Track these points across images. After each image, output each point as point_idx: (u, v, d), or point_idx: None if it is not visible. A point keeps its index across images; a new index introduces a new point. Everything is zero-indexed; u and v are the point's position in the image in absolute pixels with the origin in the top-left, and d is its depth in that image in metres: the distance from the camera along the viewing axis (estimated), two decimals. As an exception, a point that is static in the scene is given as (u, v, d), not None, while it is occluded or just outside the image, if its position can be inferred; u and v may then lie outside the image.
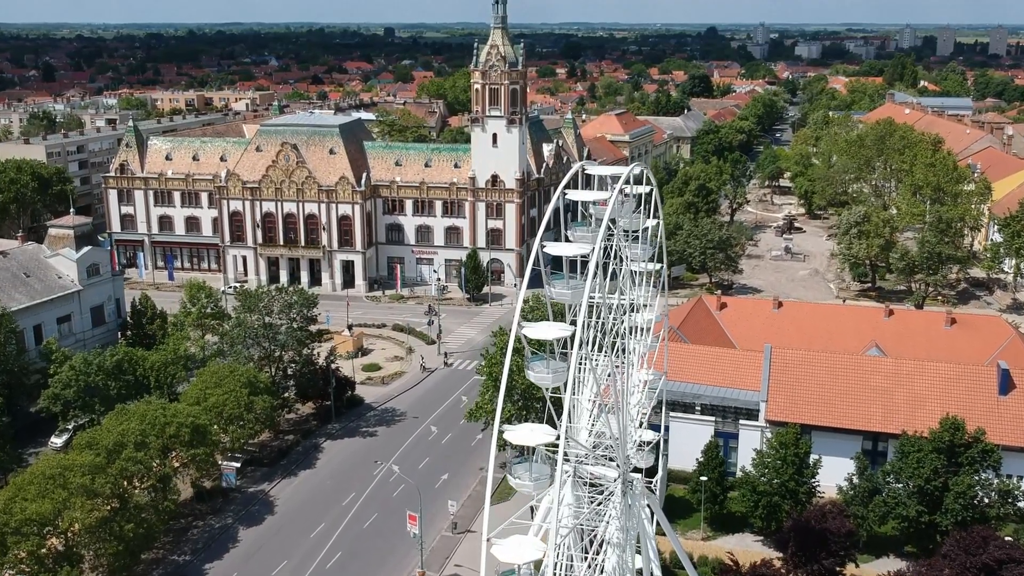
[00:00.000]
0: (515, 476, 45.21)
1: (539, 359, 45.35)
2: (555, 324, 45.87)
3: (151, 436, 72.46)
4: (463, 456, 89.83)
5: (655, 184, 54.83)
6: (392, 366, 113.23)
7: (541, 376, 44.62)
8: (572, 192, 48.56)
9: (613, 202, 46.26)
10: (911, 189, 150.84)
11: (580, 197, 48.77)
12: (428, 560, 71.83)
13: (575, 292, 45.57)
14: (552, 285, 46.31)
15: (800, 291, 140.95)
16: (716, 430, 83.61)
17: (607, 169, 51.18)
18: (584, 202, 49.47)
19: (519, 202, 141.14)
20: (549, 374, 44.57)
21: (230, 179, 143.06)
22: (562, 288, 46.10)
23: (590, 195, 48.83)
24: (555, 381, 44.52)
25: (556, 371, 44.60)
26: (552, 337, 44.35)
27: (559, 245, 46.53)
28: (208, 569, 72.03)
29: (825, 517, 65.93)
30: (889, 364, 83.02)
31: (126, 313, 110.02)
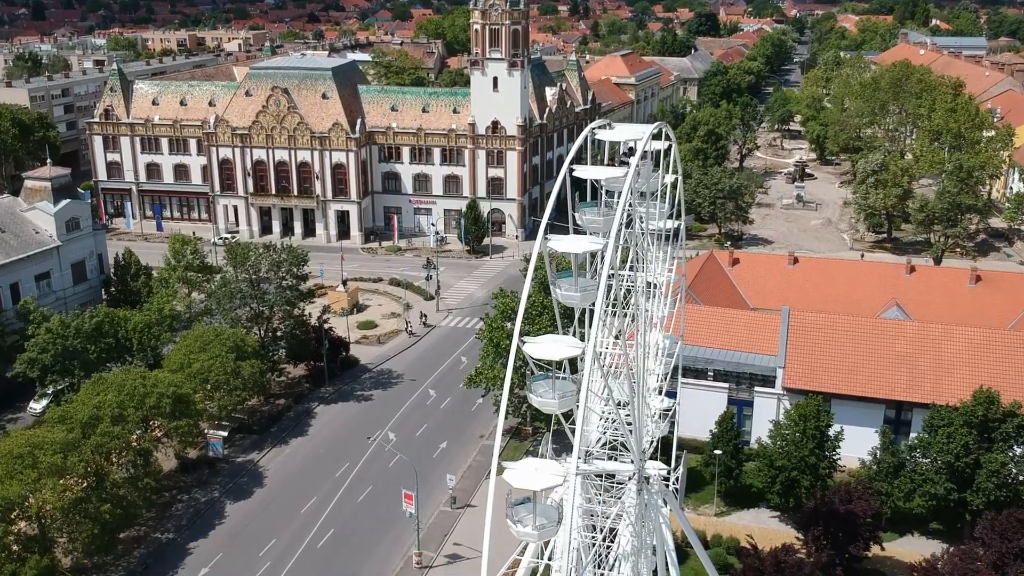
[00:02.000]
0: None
1: (543, 378, 39.55)
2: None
3: (129, 408, 67.87)
4: (463, 422, 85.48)
5: (674, 140, 49.17)
6: (388, 324, 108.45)
7: (545, 401, 38.86)
8: (580, 169, 42.16)
9: (630, 181, 40.12)
10: (929, 135, 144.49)
11: (590, 175, 42.40)
12: (425, 538, 67.78)
13: (586, 295, 39.53)
14: (558, 286, 39.94)
15: (812, 242, 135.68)
16: (730, 397, 79.14)
17: (622, 133, 44.92)
18: None
19: (521, 149, 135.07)
20: (555, 399, 38.74)
21: (219, 125, 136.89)
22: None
23: (602, 172, 42.42)
24: (562, 407, 38.86)
25: (564, 395, 38.76)
26: (559, 357, 38.01)
27: (566, 240, 40.36)
28: (192, 548, 68.01)
29: (851, 497, 61.63)
30: (914, 328, 78.12)
31: (109, 269, 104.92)
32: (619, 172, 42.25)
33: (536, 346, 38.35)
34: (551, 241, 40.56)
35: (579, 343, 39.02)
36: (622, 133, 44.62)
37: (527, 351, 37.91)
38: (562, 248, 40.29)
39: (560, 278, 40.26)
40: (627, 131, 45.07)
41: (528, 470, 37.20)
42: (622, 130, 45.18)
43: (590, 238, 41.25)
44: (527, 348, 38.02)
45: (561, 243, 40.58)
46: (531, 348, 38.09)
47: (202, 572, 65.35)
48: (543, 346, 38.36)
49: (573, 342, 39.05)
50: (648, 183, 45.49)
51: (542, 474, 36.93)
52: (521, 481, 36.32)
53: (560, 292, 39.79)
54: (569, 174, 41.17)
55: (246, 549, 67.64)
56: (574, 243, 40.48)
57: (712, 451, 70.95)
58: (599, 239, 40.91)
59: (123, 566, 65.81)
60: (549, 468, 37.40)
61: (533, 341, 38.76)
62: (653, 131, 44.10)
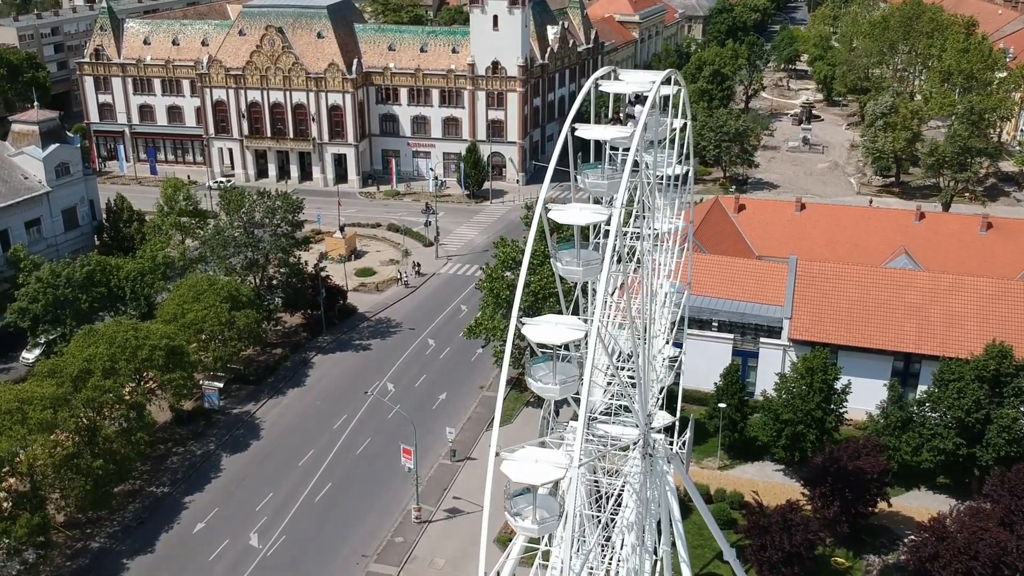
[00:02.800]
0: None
1: (543, 360, 37.23)
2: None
3: (121, 361, 66.38)
4: (462, 373, 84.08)
5: (684, 85, 46.58)
6: (387, 271, 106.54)
7: (545, 387, 36.55)
8: (583, 128, 39.18)
9: (638, 141, 37.47)
10: (940, 76, 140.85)
11: (594, 135, 39.56)
12: (424, 492, 66.78)
13: (588, 269, 37.12)
14: (559, 259, 37.51)
15: (819, 186, 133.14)
16: (735, 348, 77.60)
17: (629, 83, 41.97)
18: None
19: (522, 91, 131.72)
20: (556, 384, 36.45)
21: (212, 66, 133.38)
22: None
23: (607, 132, 39.58)
24: (563, 393, 36.78)
25: (566, 381, 36.57)
26: (559, 341, 35.76)
27: (568, 211, 37.39)
28: (188, 502, 67.03)
29: (859, 454, 60.31)
30: (925, 279, 76.26)
31: (102, 215, 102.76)
32: (625, 131, 39.62)
33: (536, 328, 36.15)
34: (552, 212, 38.09)
35: (581, 324, 36.71)
36: (629, 83, 41.78)
37: (526, 333, 35.84)
38: (563, 219, 37.81)
39: (562, 249, 37.95)
40: (635, 81, 42.35)
41: (527, 462, 34.93)
42: (629, 79, 42.44)
43: (593, 208, 38.73)
44: (526, 331, 35.92)
45: (562, 214, 38.00)
46: (530, 331, 35.96)
47: (198, 527, 64.43)
48: (543, 329, 36.12)
49: (575, 323, 36.73)
50: (656, 131, 43.10)
51: (542, 466, 34.64)
52: (520, 475, 34.14)
53: (561, 266, 37.43)
54: (571, 133, 38.50)
55: (243, 503, 66.68)
56: (576, 214, 37.84)
57: (716, 404, 69.56)
58: (603, 209, 38.61)
59: (117, 521, 64.92)
60: (550, 459, 35.16)
61: (533, 323, 36.58)
62: (662, 80, 41.38)
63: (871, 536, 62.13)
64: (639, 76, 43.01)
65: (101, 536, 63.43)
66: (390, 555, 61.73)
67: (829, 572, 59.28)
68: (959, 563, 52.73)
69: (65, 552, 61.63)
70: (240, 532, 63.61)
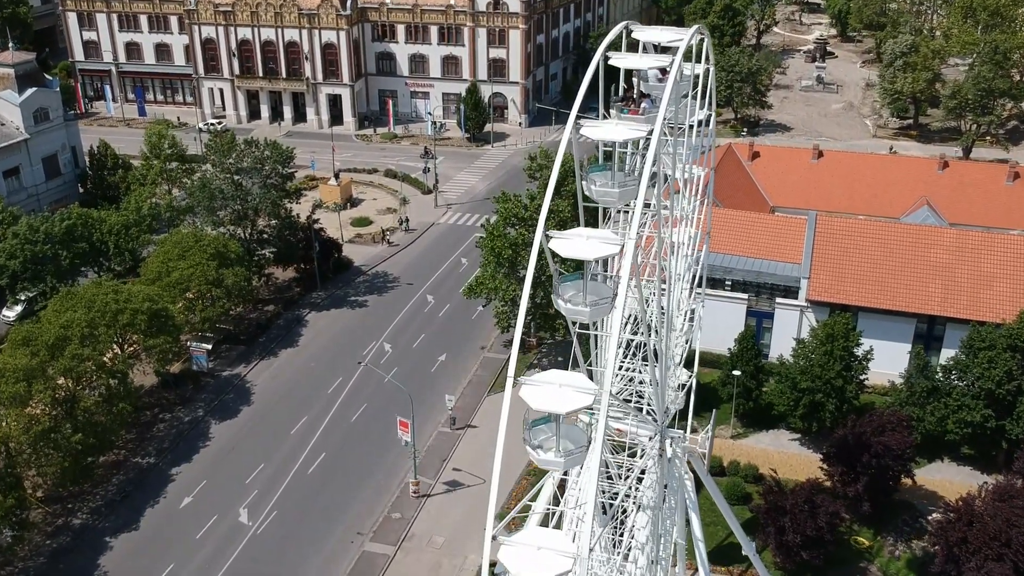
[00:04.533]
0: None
1: (572, 279, 33.57)
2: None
3: (101, 327, 62.59)
4: (463, 332, 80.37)
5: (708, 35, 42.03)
6: (384, 220, 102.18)
7: (575, 308, 32.91)
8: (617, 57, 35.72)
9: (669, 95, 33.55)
10: (962, 12, 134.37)
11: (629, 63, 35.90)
12: (423, 464, 63.54)
13: (624, 191, 33.99)
14: (592, 180, 34.09)
15: (834, 128, 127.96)
16: (749, 308, 73.72)
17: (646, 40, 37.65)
18: None
19: (524, 28, 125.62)
20: (586, 304, 32.72)
21: (200, 1, 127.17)
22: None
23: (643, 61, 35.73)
24: (595, 315, 33.17)
25: (597, 301, 32.77)
26: (593, 256, 32.17)
27: (570, 240, 32.51)
28: (174, 474, 63.84)
29: (883, 428, 56.66)
30: (951, 236, 71.99)
31: (85, 162, 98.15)
32: (662, 60, 36.53)
33: (565, 243, 32.21)
34: (585, 127, 34.51)
35: (615, 238, 32.98)
36: (642, 59, 37.57)
37: (554, 248, 32.10)
38: (598, 136, 34.35)
39: (593, 171, 34.20)
40: (663, 33, 38.11)
41: (550, 388, 31.06)
42: (658, 32, 38.11)
43: (631, 124, 35.27)
44: (554, 244, 32.17)
45: (597, 130, 34.46)
46: (559, 245, 32.11)
47: (185, 501, 61.32)
48: (574, 243, 32.16)
49: (608, 237, 33.00)
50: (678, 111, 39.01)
51: (567, 392, 30.73)
52: (542, 402, 30.50)
53: (596, 188, 33.89)
54: (603, 62, 34.50)
55: (232, 475, 63.48)
56: (613, 130, 34.30)
57: (730, 371, 65.90)
58: (641, 125, 35.06)
59: (100, 495, 61.77)
60: (575, 383, 31.31)
61: (561, 236, 32.71)
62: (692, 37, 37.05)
63: (893, 513, 58.94)
64: (667, 32, 38.58)
65: (83, 512, 60.33)
66: (387, 533, 58.67)
67: (849, 552, 56.24)
68: (990, 549, 49.51)
69: (45, 530, 58.59)
70: (229, 507, 60.53)
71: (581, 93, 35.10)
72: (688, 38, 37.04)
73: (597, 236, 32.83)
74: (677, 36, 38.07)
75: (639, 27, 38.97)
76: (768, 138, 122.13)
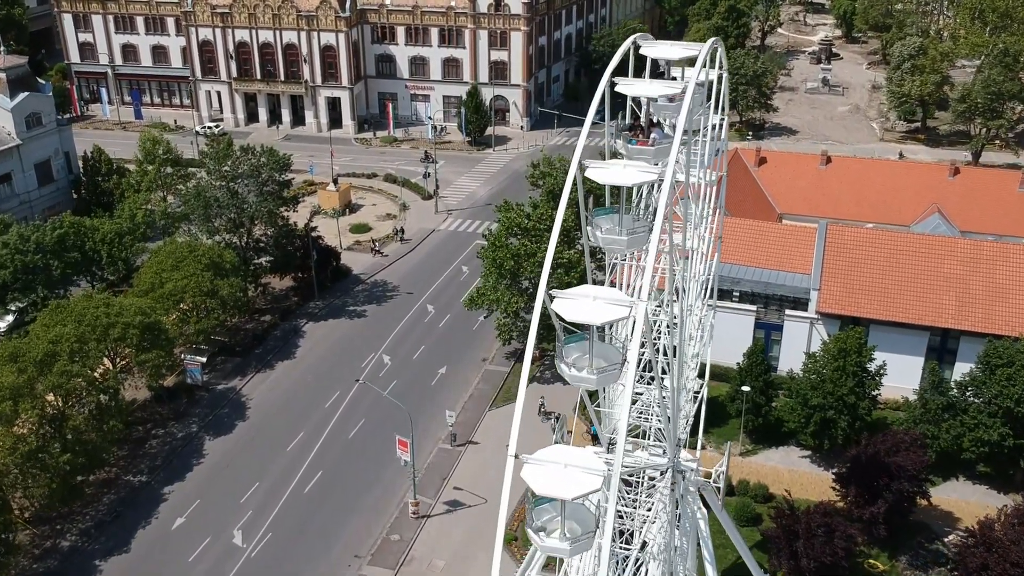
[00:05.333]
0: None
1: (576, 341, 31.35)
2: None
3: (91, 342, 60.74)
4: (463, 343, 78.48)
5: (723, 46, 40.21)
6: (383, 227, 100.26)
7: (580, 376, 30.78)
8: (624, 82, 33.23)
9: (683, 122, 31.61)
10: (970, 13, 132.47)
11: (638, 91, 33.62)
12: (422, 482, 61.68)
13: (602, 377, 31.09)
14: (597, 225, 32.13)
15: (840, 132, 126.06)
16: (757, 320, 71.85)
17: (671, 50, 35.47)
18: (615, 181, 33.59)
19: (527, 30, 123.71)
20: (592, 371, 30.55)
21: (197, 3, 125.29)
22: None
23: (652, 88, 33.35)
24: (602, 382, 31.07)
25: (605, 367, 30.63)
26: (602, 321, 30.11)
27: (576, 301, 30.22)
28: (167, 493, 61.97)
29: (897, 448, 54.88)
30: (966, 246, 70.10)
31: (79, 168, 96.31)
32: (673, 88, 34.26)
33: (569, 304, 30.06)
34: (591, 170, 32.44)
35: (625, 298, 30.66)
36: (672, 50, 35.50)
37: (557, 310, 29.98)
38: (605, 179, 32.22)
39: (599, 215, 32.24)
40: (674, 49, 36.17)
41: (554, 469, 28.60)
42: (668, 48, 36.14)
43: (641, 166, 33.20)
44: (557, 306, 30.04)
45: (604, 172, 32.31)
46: (563, 307, 29.95)
47: (178, 522, 59.43)
48: (579, 305, 29.97)
49: (617, 298, 30.71)
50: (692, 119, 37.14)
51: (575, 475, 28.25)
52: (547, 487, 28.12)
53: (602, 235, 31.99)
54: (609, 89, 32.57)
55: (226, 494, 61.62)
56: (621, 174, 32.09)
57: (739, 387, 64.02)
58: (651, 167, 33.06)
59: (90, 515, 59.87)
60: (582, 463, 28.62)
61: (565, 296, 30.51)
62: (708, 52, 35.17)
63: (908, 535, 57.08)
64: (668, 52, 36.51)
65: (72, 533, 58.43)
66: (385, 555, 56.80)
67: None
68: (1012, 576, 47.75)
69: (32, 553, 56.70)
70: (223, 528, 58.69)
71: (586, 127, 33.05)
72: (703, 55, 35.11)
73: (605, 297, 30.56)
74: (689, 52, 36.14)
75: (648, 42, 36.99)
76: (773, 142, 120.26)
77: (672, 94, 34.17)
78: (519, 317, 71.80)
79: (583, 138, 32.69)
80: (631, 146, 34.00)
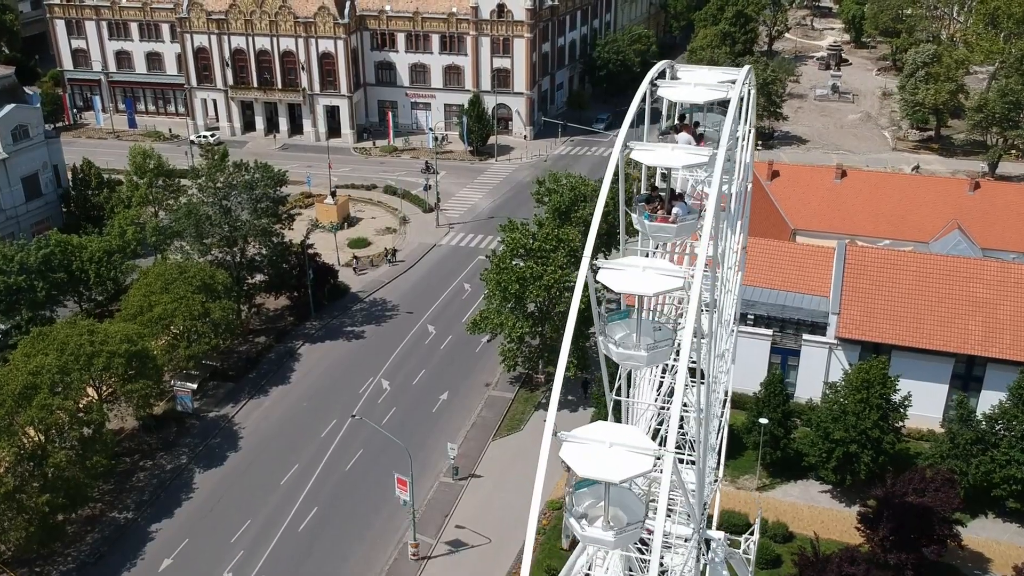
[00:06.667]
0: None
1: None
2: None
3: (74, 372, 57.60)
4: (466, 367, 75.35)
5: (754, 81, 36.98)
6: (383, 241, 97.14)
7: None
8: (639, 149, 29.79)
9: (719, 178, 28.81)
10: (984, 19, 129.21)
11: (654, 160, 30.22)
12: (422, 520, 58.55)
13: (654, 354, 28.49)
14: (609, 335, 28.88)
15: (851, 141, 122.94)
16: (773, 345, 68.69)
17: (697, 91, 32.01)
18: None
19: (530, 36, 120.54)
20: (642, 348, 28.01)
21: (192, 9, 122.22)
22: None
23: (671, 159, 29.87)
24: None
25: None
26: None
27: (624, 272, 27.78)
28: (154, 531, 58.81)
29: (925, 488, 51.80)
30: (993, 268, 66.95)
31: (68, 181, 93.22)
32: (718, 92, 31.39)
33: (617, 275, 27.59)
34: (636, 151, 29.82)
35: (677, 269, 28.44)
36: (697, 92, 32.00)
37: (603, 281, 27.63)
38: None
39: (613, 321, 29.00)
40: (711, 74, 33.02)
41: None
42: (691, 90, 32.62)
43: (690, 148, 30.58)
44: (603, 277, 27.67)
45: (650, 155, 29.75)
46: (610, 277, 27.56)
47: (165, 564, 56.26)
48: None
49: (669, 268, 28.47)
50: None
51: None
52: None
53: (616, 349, 28.39)
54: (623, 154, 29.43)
55: (216, 533, 58.48)
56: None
57: (756, 417, 60.86)
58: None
59: (72, 556, 56.69)
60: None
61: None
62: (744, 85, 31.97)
63: (937, 579, 54.01)
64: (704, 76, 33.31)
65: (53, 576, 55.45)
66: (383, 601, 53.75)
67: (890, 625, 51.29)
68: (1052, 631, 44.66)
69: (10, 598, 53.75)
70: (213, 570, 55.59)
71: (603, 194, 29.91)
72: (741, 81, 31.93)
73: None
74: (727, 77, 33.01)
75: (684, 67, 33.87)
76: (784, 151, 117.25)
77: (718, 99, 31.25)
78: (524, 342, 68.72)
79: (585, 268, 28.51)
80: (650, 222, 30.45)
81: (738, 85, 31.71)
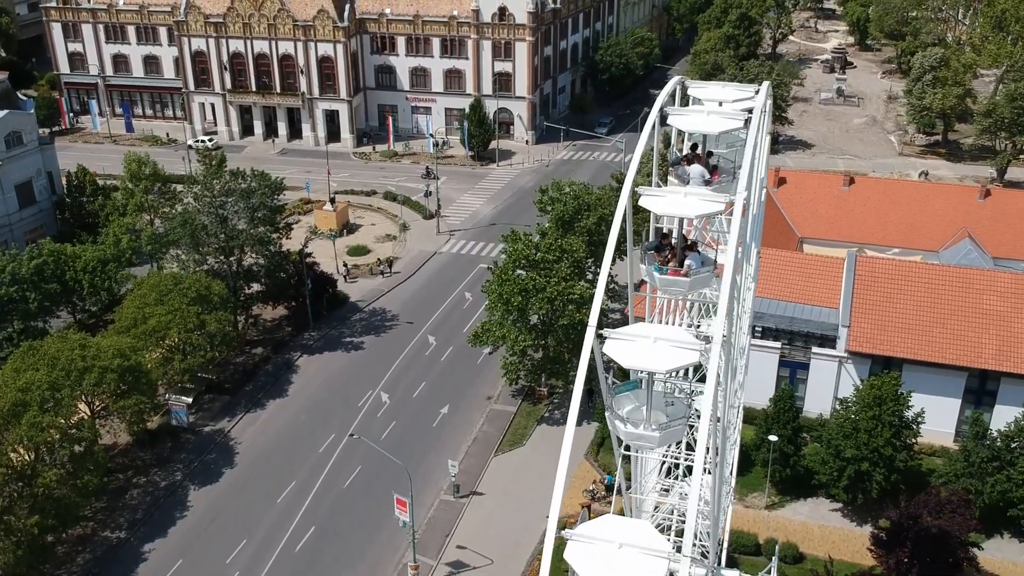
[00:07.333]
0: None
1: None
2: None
3: (65, 389, 56.09)
4: (467, 379, 73.81)
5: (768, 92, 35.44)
6: (382, 249, 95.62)
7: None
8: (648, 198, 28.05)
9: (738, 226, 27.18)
10: (991, 21, 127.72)
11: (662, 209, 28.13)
12: (423, 540, 57.01)
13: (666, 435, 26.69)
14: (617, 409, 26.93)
15: (857, 145, 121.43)
16: (781, 358, 67.14)
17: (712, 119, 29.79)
18: None
19: (532, 40, 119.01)
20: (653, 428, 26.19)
21: (190, 12, 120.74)
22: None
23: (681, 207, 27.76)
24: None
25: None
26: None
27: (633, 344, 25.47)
28: (147, 552, 57.26)
29: (941, 509, 50.31)
30: (1007, 280, 65.43)
31: (63, 188, 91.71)
32: (735, 121, 29.10)
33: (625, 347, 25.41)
34: (644, 198, 27.87)
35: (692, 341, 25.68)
36: (711, 121, 29.70)
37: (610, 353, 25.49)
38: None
39: (620, 393, 27.12)
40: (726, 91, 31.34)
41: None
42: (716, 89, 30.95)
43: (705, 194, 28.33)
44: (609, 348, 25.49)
45: (659, 202, 27.70)
46: (616, 349, 25.35)
47: (157, 586, 54.89)
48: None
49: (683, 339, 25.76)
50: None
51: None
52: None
53: (625, 428, 26.36)
54: (632, 200, 27.78)
55: (211, 553, 56.90)
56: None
57: (765, 434, 59.32)
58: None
59: (63, 578, 55.30)
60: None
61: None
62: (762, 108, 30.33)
63: (952, 603, 52.43)
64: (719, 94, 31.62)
65: (42, 600, 53.94)
66: (382, 625, 52.23)
67: (905, 651, 49.76)
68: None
69: (-2, 623, 52.22)
70: (207, 593, 54.14)
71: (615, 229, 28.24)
72: (762, 98, 30.40)
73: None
74: (742, 95, 31.43)
75: (696, 83, 32.29)
76: (789, 156, 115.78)
77: (733, 128, 29.29)
78: (527, 356, 67.20)
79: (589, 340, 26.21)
80: (660, 275, 28.45)
81: (756, 112, 30.03)
